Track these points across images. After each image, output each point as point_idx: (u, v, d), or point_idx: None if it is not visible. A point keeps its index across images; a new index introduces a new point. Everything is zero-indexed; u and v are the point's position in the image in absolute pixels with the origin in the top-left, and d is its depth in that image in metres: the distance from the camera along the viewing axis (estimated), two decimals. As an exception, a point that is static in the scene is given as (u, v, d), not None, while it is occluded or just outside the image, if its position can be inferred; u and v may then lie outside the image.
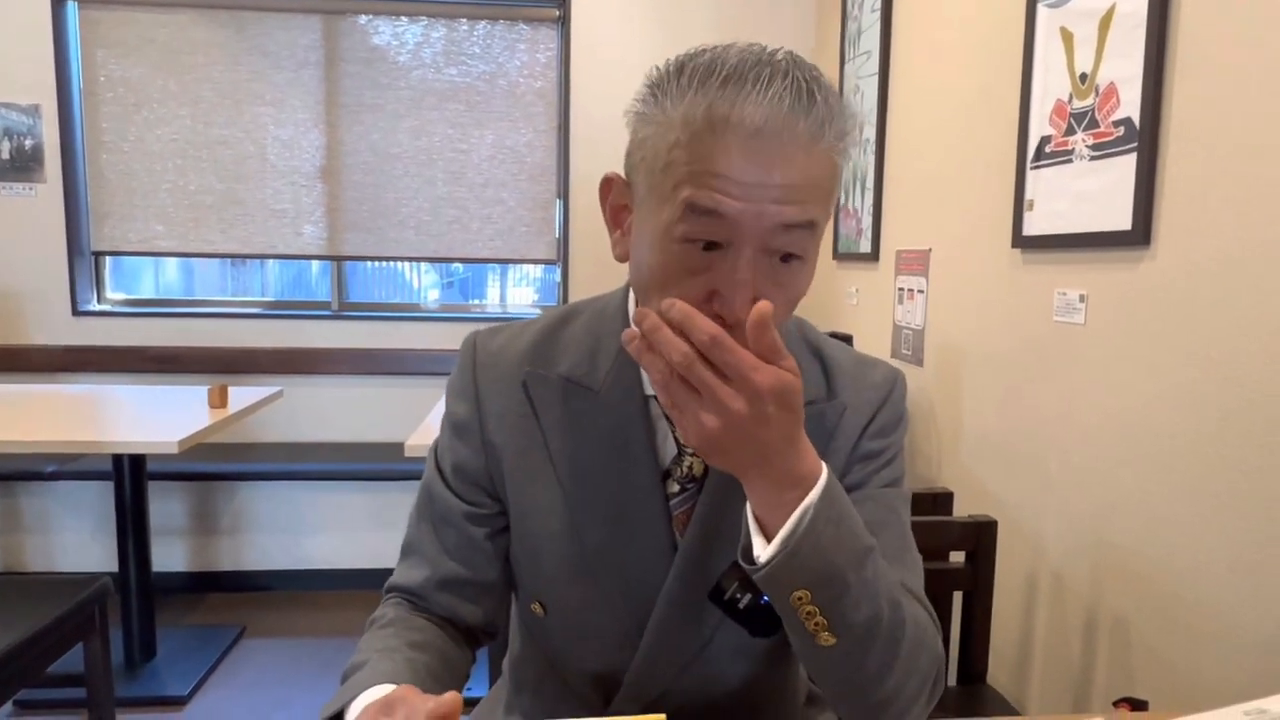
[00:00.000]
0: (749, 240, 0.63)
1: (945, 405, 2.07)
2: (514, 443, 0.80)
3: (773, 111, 0.60)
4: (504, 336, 0.83)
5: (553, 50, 3.16)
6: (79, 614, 1.72)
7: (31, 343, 3.05)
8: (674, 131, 0.63)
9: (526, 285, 3.43)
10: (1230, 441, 1.18)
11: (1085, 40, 1.48)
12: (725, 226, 0.62)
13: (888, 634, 0.66)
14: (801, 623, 0.63)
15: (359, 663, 0.72)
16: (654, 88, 0.66)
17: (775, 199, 0.61)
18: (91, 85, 3.01)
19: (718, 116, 0.61)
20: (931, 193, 2.16)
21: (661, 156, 0.64)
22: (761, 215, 0.62)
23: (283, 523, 3.18)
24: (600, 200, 0.75)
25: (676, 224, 0.63)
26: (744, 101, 0.60)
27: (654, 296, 0.67)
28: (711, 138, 0.61)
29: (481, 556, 0.82)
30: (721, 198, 0.61)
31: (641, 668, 0.80)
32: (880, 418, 0.81)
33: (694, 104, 0.62)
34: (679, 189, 0.63)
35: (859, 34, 2.66)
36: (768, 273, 0.64)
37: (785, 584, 0.61)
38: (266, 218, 3.12)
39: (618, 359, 0.78)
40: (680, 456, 0.78)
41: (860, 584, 0.63)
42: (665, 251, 0.65)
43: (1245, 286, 1.15)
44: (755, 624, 0.74)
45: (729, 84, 0.61)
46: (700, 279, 0.64)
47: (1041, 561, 1.65)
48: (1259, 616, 1.13)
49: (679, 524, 0.78)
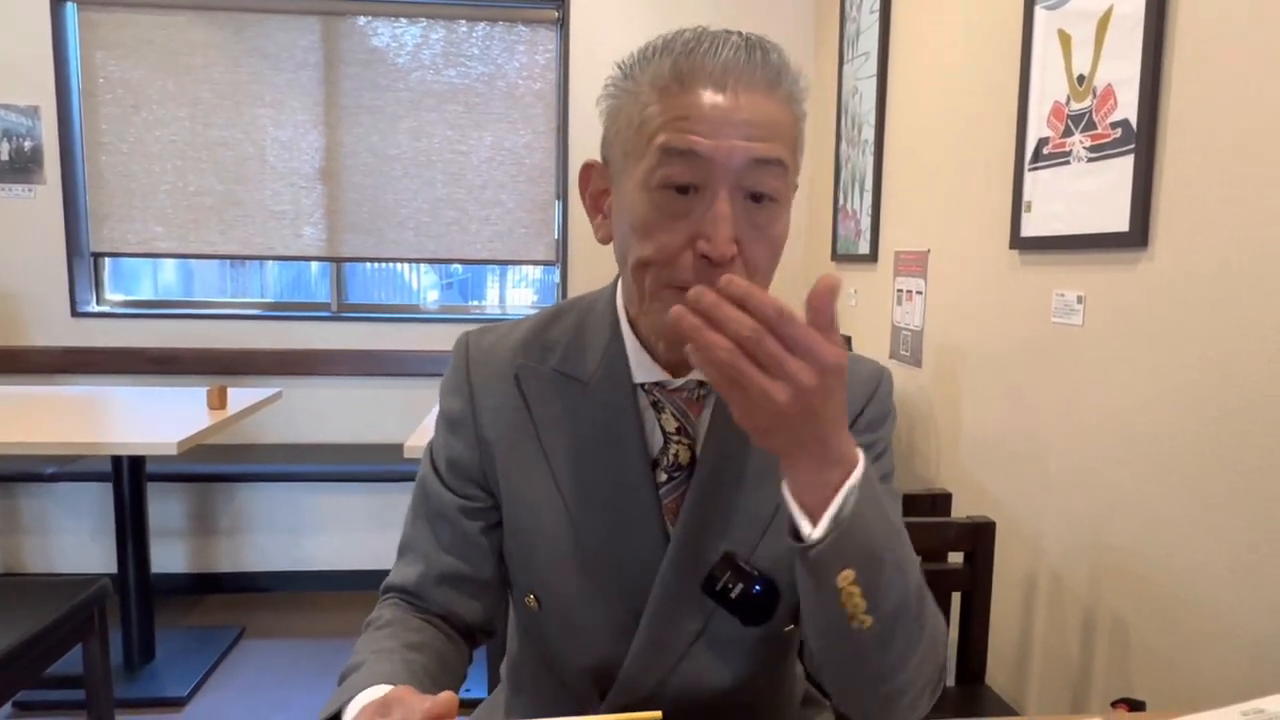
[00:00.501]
0: (723, 178, 0.66)
1: (944, 406, 2.07)
2: (507, 436, 0.81)
3: (731, 59, 0.67)
4: (495, 335, 0.85)
5: (552, 52, 3.17)
6: (78, 615, 1.72)
7: (31, 344, 3.05)
8: (645, 94, 0.69)
9: (525, 286, 3.43)
10: (1228, 442, 1.18)
11: (1083, 42, 1.48)
12: (700, 166, 0.66)
13: (914, 618, 0.67)
14: (841, 605, 0.63)
15: (356, 664, 0.72)
16: (622, 69, 0.73)
17: (743, 135, 0.66)
18: (90, 86, 3.01)
19: (683, 70, 0.67)
20: (930, 194, 2.16)
21: (635, 118, 0.69)
22: (732, 151, 0.66)
23: (282, 524, 3.18)
24: (580, 189, 0.79)
25: (654, 171, 0.67)
26: (704, 56, 0.67)
27: (637, 251, 0.70)
28: (679, 88, 0.67)
29: (477, 551, 0.82)
30: (694, 138, 0.66)
31: (637, 659, 0.80)
32: (868, 412, 0.82)
33: (659, 65, 0.69)
34: (654, 138, 0.67)
35: (857, 35, 2.67)
36: (744, 215, 0.68)
37: (834, 563, 0.61)
38: (266, 219, 3.13)
39: (606, 351, 0.80)
40: (666, 445, 0.79)
41: (894, 565, 0.64)
42: (645, 202, 0.69)
43: (1243, 287, 1.15)
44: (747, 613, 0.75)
45: (689, 45, 0.68)
46: (681, 224, 0.68)
47: (1040, 562, 1.65)
48: (1257, 617, 1.13)
49: (669, 513, 0.79)
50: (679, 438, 0.79)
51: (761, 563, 0.77)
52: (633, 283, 0.73)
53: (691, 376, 0.79)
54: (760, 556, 0.78)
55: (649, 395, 0.79)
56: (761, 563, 0.77)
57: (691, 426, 0.79)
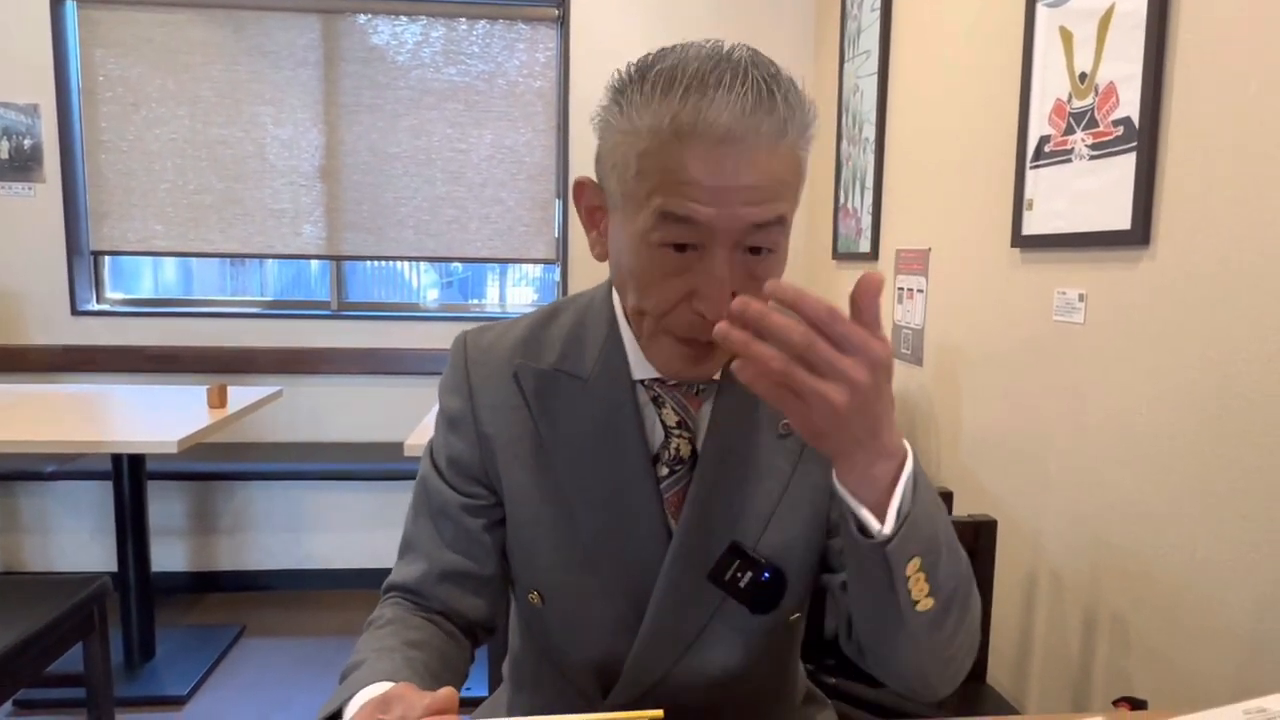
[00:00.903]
0: (722, 241, 0.66)
1: (944, 404, 2.07)
2: (507, 433, 0.81)
3: (736, 115, 0.63)
4: (493, 333, 0.85)
5: (552, 50, 3.16)
6: (78, 614, 1.72)
7: (30, 342, 3.05)
8: (642, 140, 0.66)
9: (526, 285, 3.43)
10: (1230, 441, 1.18)
11: (1085, 40, 1.48)
12: (698, 231, 0.65)
13: (965, 591, 0.70)
14: (908, 591, 0.64)
15: (356, 662, 0.72)
16: (618, 95, 0.69)
17: (744, 201, 0.64)
18: (90, 85, 3.01)
19: (683, 125, 0.63)
20: (931, 192, 2.16)
21: (632, 165, 0.67)
22: (733, 218, 0.65)
23: (282, 522, 3.18)
24: (575, 203, 0.78)
25: (651, 231, 0.66)
26: (708, 108, 0.63)
27: (634, 297, 0.71)
28: (678, 146, 0.64)
29: (479, 548, 0.83)
30: (693, 205, 0.64)
31: (641, 653, 0.80)
32: None
33: (659, 114, 0.64)
34: (651, 197, 0.66)
35: (859, 33, 2.66)
36: (742, 268, 0.68)
37: (904, 554, 0.62)
38: (265, 217, 3.12)
39: (604, 347, 0.80)
40: (667, 440, 0.79)
41: (949, 547, 0.67)
42: (642, 256, 0.68)
43: (1244, 286, 1.15)
44: (755, 601, 0.77)
45: (691, 91, 0.63)
46: (678, 280, 0.68)
47: (1041, 561, 1.65)
48: (1258, 615, 1.13)
49: (670, 507, 0.79)
50: (679, 432, 0.79)
51: (767, 551, 0.78)
52: (633, 319, 0.75)
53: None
54: (765, 545, 0.79)
55: (649, 390, 0.79)
56: (767, 551, 0.78)
57: (692, 420, 0.79)
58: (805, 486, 0.81)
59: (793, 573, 0.79)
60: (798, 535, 0.80)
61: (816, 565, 0.84)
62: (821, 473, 0.81)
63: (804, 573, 0.82)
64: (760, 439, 0.80)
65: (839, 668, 1.28)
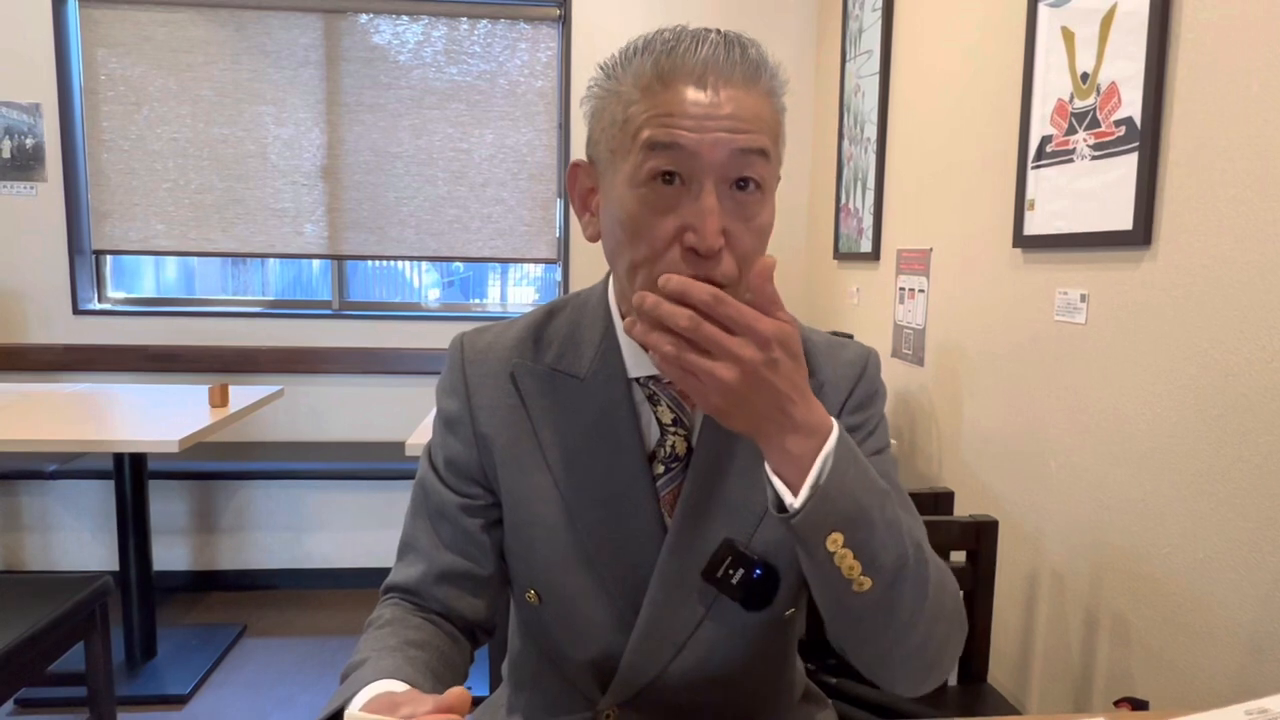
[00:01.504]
0: (708, 170, 0.68)
1: (946, 405, 2.07)
2: (504, 433, 0.82)
3: (711, 55, 0.69)
4: (490, 334, 0.86)
5: (553, 49, 3.16)
6: (80, 613, 1.72)
7: (32, 342, 3.05)
8: (628, 93, 0.70)
9: (527, 284, 3.43)
10: (1231, 441, 1.18)
11: (1087, 40, 1.48)
12: (685, 158, 0.67)
13: (915, 573, 0.68)
14: (837, 568, 0.64)
15: (358, 661, 0.72)
16: (605, 69, 0.75)
17: (726, 128, 0.67)
18: (92, 84, 3.01)
19: (664, 68, 0.69)
20: (932, 192, 2.16)
21: (619, 117, 0.71)
22: (716, 143, 0.67)
23: (283, 521, 3.19)
24: (569, 188, 0.80)
25: (640, 165, 0.69)
26: (684, 54, 0.69)
27: (627, 250, 0.71)
28: (661, 86, 0.69)
29: (478, 549, 0.83)
30: (678, 131, 0.67)
31: (637, 649, 0.80)
32: (857, 392, 0.84)
33: (641, 64, 0.70)
34: (639, 134, 0.69)
35: (860, 33, 2.66)
36: (731, 204, 0.69)
37: (820, 527, 0.63)
38: (267, 217, 3.12)
39: (601, 346, 0.81)
40: (663, 438, 0.80)
41: (885, 523, 0.65)
42: (632, 197, 0.70)
43: (1246, 286, 1.15)
44: (748, 598, 0.78)
45: (669, 44, 0.70)
46: (669, 218, 0.69)
47: (1042, 561, 1.65)
48: (1260, 615, 1.13)
49: (666, 505, 0.80)
50: (675, 429, 0.80)
51: (760, 548, 0.79)
52: (626, 283, 0.74)
53: None
54: (758, 542, 0.79)
55: (644, 389, 0.80)
56: (760, 548, 0.79)
57: (687, 418, 0.80)
58: None
59: (785, 570, 0.80)
60: None
61: None
62: None
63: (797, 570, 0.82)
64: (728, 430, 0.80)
65: (839, 667, 1.28)
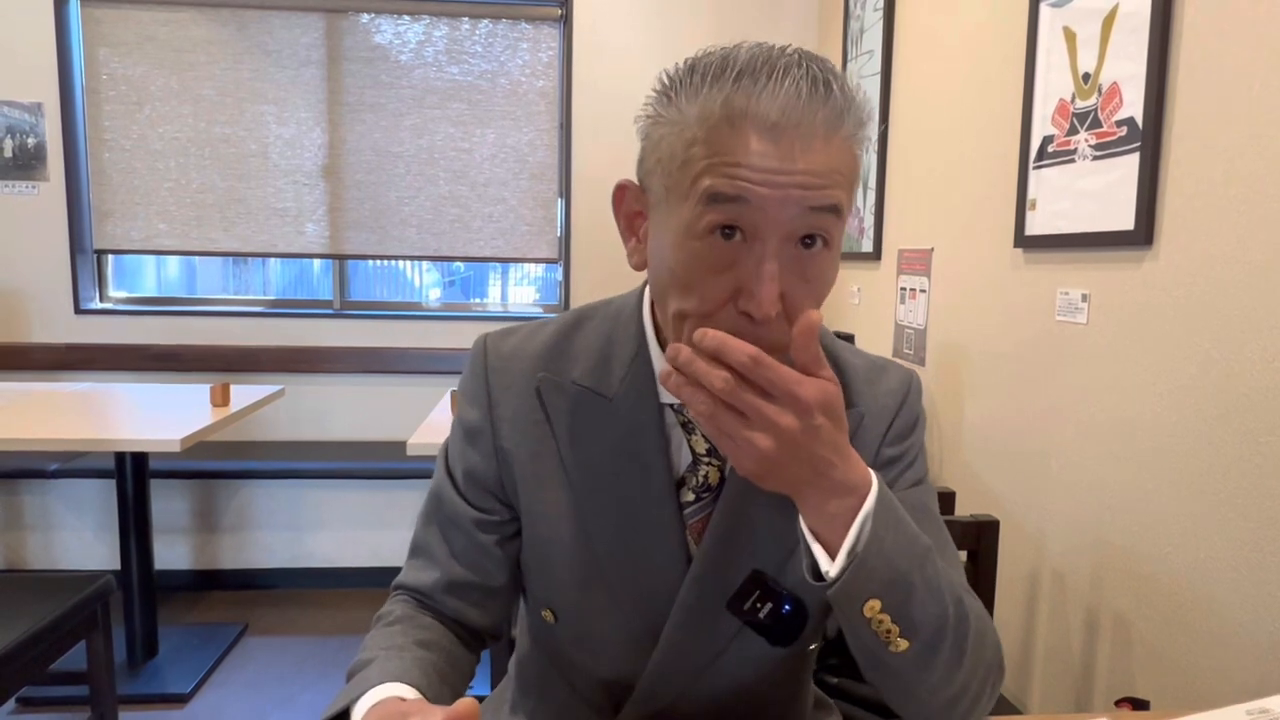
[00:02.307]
0: (773, 229, 0.61)
1: (947, 404, 2.07)
2: (526, 448, 0.79)
3: (789, 102, 0.60)
4: (516, 339, 0.81)
5: (555, 49, 3.16)
6: (81, 611, 1.73)
7: (34, 341, 3.06)
8: (690, 129, 0.62)
9: (528, 284, 3.43)
10: (1232, 440, 1.18)
11: (1088, 40, 1.48)
12: (749, 213, 0.61)
13: (955, 630, 0.65)
14: (874, 633, 0.62)
15: (366, 660, 0.71)
16: (665, 90, 0.66)
17: (798, 185, 0.60)
18: (94, 83, 3.01)
19: (735, 109, 0.60)
20: (934, 192, 2.16)
21: (679, 155, 0.63)
22: (786, 200, 0.60)
23: (285, 521, 3.19)
24: (614, 209, 0.73)
25: (699, 216, 0.62)
26: (760, 94, 0.60)
27: (676, 300, 0.66)
28: (730, 130, 0.61)
29: (490, 562, 0.81)
30: (744, 185, 0.60)
31: (654, 675, 0.79)
32: (897, 423, 0.80)
33: (709, 99, 0.61)
34: (699, 181, 0.61)
35: (861, 33, 2.66)
36: (792, 265, 0.63)
37: (857, 595, 0.60)
38: (268, 216, 3.13)
39: (632, 366, 0.77)
40: (695, 465, 0.76)
41: (924, 584, 0.63)
42: (687, 249, 0.63)
43: (1247, 286, 1.15)
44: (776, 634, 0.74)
45: (743, 78, 0.61)
46: (724, 277, 0.63)
47: (1043, 561, 1.65)
48: (1261, 616, 1.13)
49: (694, 533, 0.77)
50: (709, 459, 0.76)
51: (790, 581, 0.75)
52: (671, 327, 0.68)
53: None
54: (788, 575, 0.76)
55: (679, 415, 0.77)
56: (790, 581, 0.75)
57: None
58: None
59: (814, 605, 0.76)
60: None
61: None
62: None
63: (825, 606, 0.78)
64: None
65: (841, 668, 1.28)
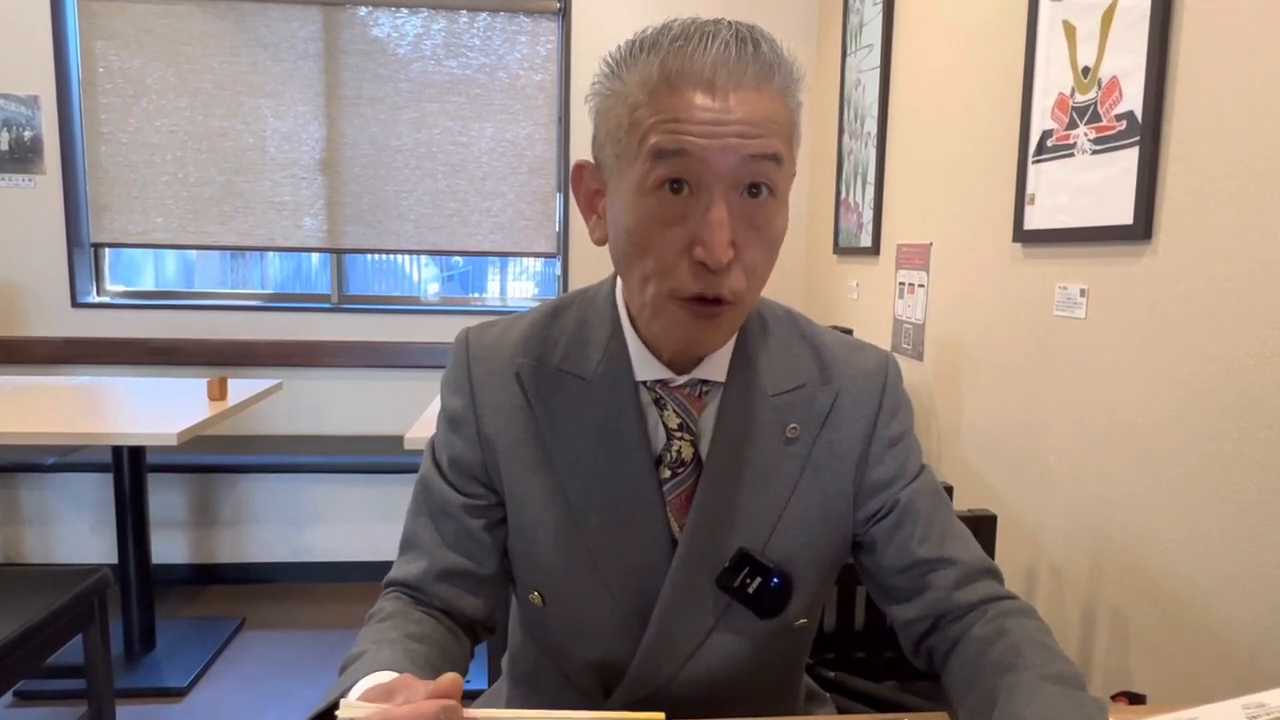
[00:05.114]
0: (716, 178, 0.65)
1: (945, 399, 2.07)
2: (509, 434, 0.80)
3: (720, 58, 0.65)
4: (496, 330, 0.84)
5: (553, 43, 3.15)
6: (79, 605, 1.72)
7: (31, 334, 3.05)
8: (633, 95, 0.67)
9: (526, 278, 3.43)
10: (1230, 436, 1.17)
11: (1088, 34, 1.48)
12: (693, 165, 0.65)
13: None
14: None
15: (357, 653, 0.72)
16: (609, 66, 0.72)
17: (736, 133, 0.65)
18: (90, 76, 3.00)
19: (671, 70, 0.66)
20: (932, 187, 2.15)
21: (624, 121, 0.68)
22: (725, 149, 0.65)
23: (282, 515, 3.19)
24: (574, 190, 0.78)
25: (647, 174, 0.66)
26: (693, 54, 0.65)
27: (635, 262, 0.70)
28: (668, 90, 0.65)
29: (480, 548, 0.82)
30: (686, 138, 0.64)
31: (645, 656, 0.80)
32: (887, 403, 0.83)
33: (648, 65, 0.67)
34: (645, 141, 0.66)
35: (861, 27, 2.66)
36: (741, 215, 0.67)
37: None
38: (266, 210, 3.12)
39: (608, 347, 0.80)
40: (670, 442, 0.79)
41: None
42: (640, 207, 0.68)
43: (1247, 281, 1.15)
44: (763, 606, 0.77)
45: (677, 41, 0.66)
46: (677, 230, 0.67)
47: (1040, 556, 1.65)
48: (1258, 611, 1.13)
49: (673, 509, 0.79)
50: (681, 434, 0.78)
51: (775, 556, 0.78)
52: (635, 292, 0.73)
53: (694, 374, 0.79)
54: (772, 550, 0.78)
55: (651, 392, 0.79)
56: (775, 556, 0.78)
57: (693, 423, 0.79)
58: (814, 493, 0.80)
59: (799, 578, 0.79)
60: (805, 542, 0.80)
61: (825, 572, 0.84)
62: (831, 480, 0.81)
63: (811, 579, 0.82)
64: (765, 444, 0.79)
65: (837, 662, 1.28)
